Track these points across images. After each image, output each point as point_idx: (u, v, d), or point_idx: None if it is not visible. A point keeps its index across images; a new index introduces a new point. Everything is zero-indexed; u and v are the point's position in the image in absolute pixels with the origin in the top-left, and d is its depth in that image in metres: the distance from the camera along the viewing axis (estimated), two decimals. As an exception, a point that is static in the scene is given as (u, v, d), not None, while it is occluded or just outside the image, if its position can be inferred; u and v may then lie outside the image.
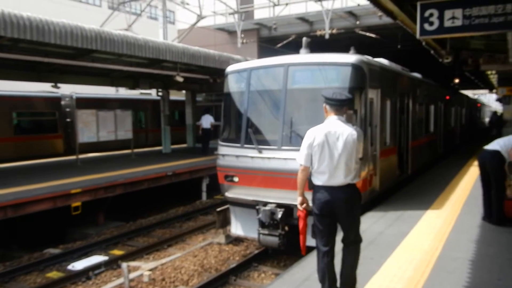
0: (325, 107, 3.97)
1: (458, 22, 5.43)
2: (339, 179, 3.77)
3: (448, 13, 5.49)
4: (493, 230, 6.14)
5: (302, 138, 6.80)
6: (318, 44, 15.71)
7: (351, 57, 7.09)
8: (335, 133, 3.80)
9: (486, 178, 6.51)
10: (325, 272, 3.87)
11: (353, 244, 3.97)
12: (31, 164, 14.05)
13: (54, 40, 8.99)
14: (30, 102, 16.91)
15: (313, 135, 3.87)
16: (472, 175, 10.85)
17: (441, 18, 5.53)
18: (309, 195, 4.04)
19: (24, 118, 17.03)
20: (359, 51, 8.17)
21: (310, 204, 4.01)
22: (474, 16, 5.34)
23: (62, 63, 11.30)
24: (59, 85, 13.98)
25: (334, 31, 17.49)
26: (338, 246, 4.04)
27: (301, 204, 4.01)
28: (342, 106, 3.89)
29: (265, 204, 7.08)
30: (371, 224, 6.45)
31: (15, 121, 16.51)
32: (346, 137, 3.77)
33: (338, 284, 3.98)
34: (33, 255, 8.64)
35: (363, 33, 18.22)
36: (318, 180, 3.84)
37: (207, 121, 16.02)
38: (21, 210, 8.48)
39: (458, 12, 5.43)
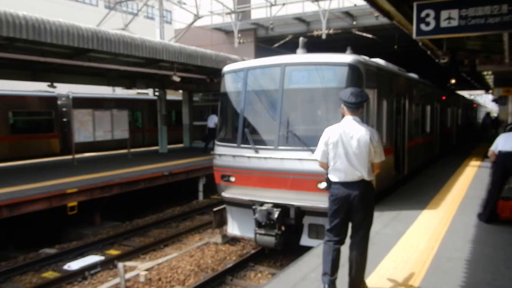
0: (343, 107, 4.12)
1: (454, 23, 5.45)
2: (354, 175, 3.93)
3: (444, 14, 5.50)
4: (488, 230, 6.16)
5: (298, 138, 6.95)
6: (315, 44, 15.72)
7: (347, 57, 7.10)
8: (349, 132, 3.96)
9: (502, 180, 6.42)
10: (331, 258, 3.95)
11: (361, 241, 4.05)
12: (27, 164, 14.00)
13: (50, 40, 8.96)
14: (26, 101, 16.84)
15: (329, 133, 4.04)
16: (468, 175, 10.89)
17: (437, 18, 5.54)
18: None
19: (20, 117, 16.96)
20: (355, 51, 8.19)
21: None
22: (470, 17, 5.36)
23: (58, 62, 11.26)
24: (55, 84, 13.94)
25: (331, 31, 17.49)
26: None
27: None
28: (358, 107, 4.03)
29: (261, 204, 7.08)
30: (368, 224, 6.45)
31: (11, 121, 16.44)
32: (359, 137, 3.92)
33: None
34: (29, 255, 8.60)
35: (360, 33, 18.23)
36: (334, 177, 4.01)
37: (211, 121, 16.05)
38: (16, 210, 8.44)
39: (454, 13, 5.44)
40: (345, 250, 4.05)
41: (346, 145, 3.94)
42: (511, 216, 6.39)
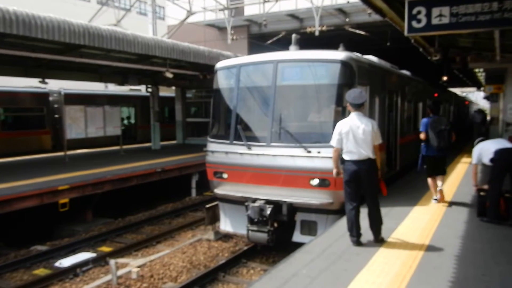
0: (348, 105, 5.42)
1: (446, 20, 5.49)
2: (362, 155, 5.25)
3: (435, 11, 5.54)
4: (478, 226, 6.22)
5: (291, 134, 6.97)
6: (308, 41, 15.71)
7: (340, 54, 7.12)
8: (356, 124, 5.28)
9: (503, 176, 6.36)
10: (353, 221, 5.37)
11: (373, 202, 5.43)
12: (18, 161, 13.89)
13: (41, 35, 8.89)
14: (17, 97, 16.69)
15: (342, 126, 5.34)
16: (459, 172, 10.98)
17: (428, 15, 5.58)
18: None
19: (11, 113, 16.81)
20: (348, 48, 8.19)
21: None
22: (461, 14, 5.40)
23: (49, 58, 11.17)
24: (47, 80, 13.82)
25: (324, 28, 17.50)
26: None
27: (337, 174, 5.60)
28: (359, 106, 5.37)
29: (254, 200, 7.09)
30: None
31: (2, 117, 16.30)
32: (364, 127, 5.26)
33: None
34: (20, 252, 8.56)
35: (353, 30, 18.25)
36: (348, 156, 5.33)
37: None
38: (7, 206, 8.38)
39: (446, 10, 5.49)
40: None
41: (355, 133, 5.23)
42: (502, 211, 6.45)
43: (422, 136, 7.36)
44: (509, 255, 4.99)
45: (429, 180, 7.64)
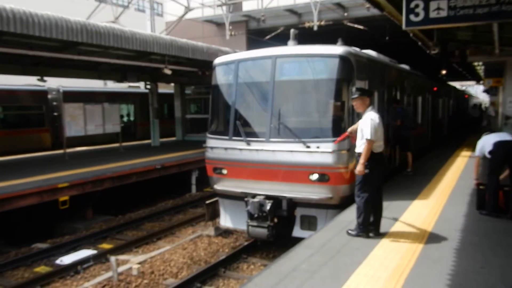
0: (367, 100, 5.53)
1: (443, 13, 5.48)
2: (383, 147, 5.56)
3: (433, 4, 5.53)
4: (477, 220, 6.23)
5: (290, 130, 6.96)
6: (307, 36, 15.66)
7: (338, 49, 7.11)
8: (378, 117, 5.46)
9: (501, 169, 6.39)
10: (370, 214, 5.53)
11: (382, 195, 5.78)
12: (18, 159, 13.89)
13: (39, 33, 8.85)
14: (16, 95, 16.67)
15: (375, 119, 5.38)
16: (458, 165, 10.98)
17: (426, 9, 5.57)
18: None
19: (10, 112, 16.80)
20: (347, 43, 8.18)
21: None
22: (459, 7, 5.39)
23: (47, 56, 11.14)
24: (45, 78, 13.80)
25: (323, 23, 17.45)
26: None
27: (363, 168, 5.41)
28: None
29: (253, 196, 7.10)
30: (359, 214, 6.48)
31: (1, 115, 16.28)
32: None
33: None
34: (21, 250, 8.57)
35: (352, 25, 18.19)
36: (379, 149, 5.45)
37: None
38: (7, 205, 8.39)
39: (443, 3, 5.48)
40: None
41: (381, 126, 5.45)
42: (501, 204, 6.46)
43: (398, 122, 9.55)
44: (508, 248, 5.01)
45: (410, 155, 9.80)
